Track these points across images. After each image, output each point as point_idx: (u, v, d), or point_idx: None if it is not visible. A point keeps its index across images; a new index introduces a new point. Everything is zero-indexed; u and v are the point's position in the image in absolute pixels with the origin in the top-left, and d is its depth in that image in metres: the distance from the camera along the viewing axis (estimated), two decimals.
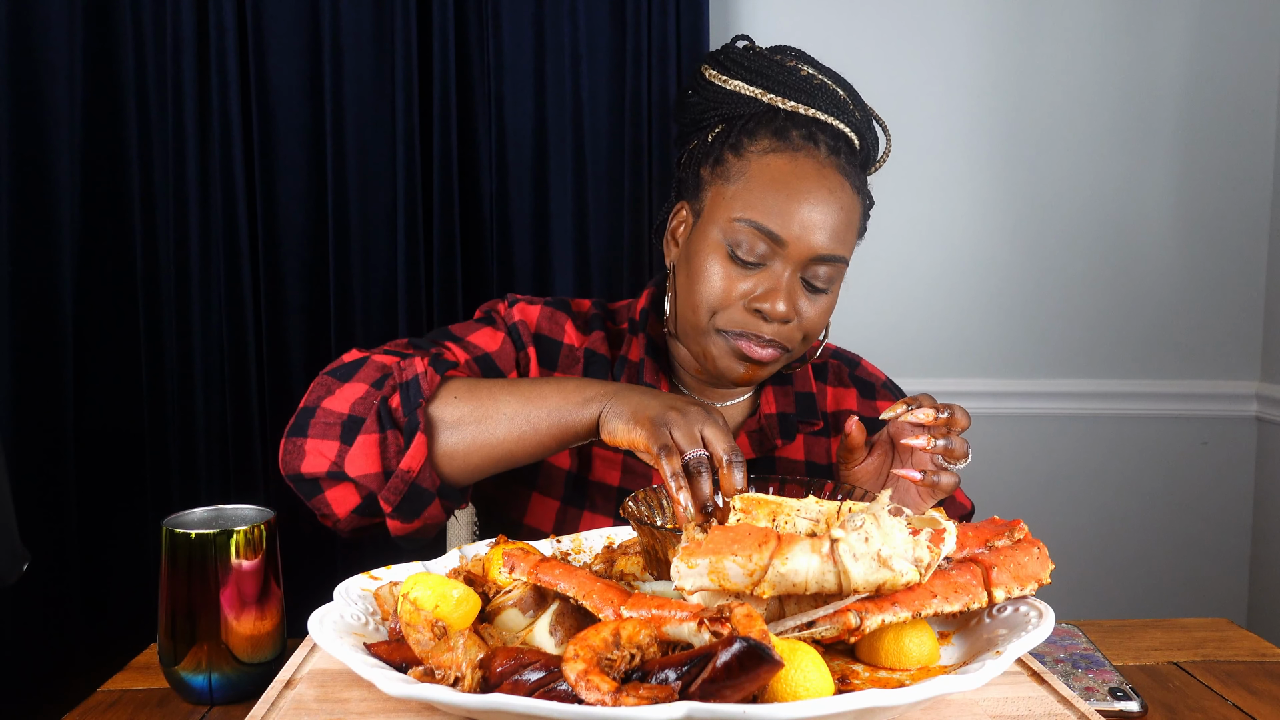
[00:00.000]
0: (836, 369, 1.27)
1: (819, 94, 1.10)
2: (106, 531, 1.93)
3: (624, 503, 0.87)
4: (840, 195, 1.07)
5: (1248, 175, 2.23)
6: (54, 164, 1.85)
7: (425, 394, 0.96)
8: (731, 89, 1.12)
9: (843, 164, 1.09)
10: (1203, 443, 2.29)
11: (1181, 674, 0.92)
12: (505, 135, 1.97)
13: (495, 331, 1.15)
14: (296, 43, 1.91)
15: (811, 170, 1.06)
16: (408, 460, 0.95)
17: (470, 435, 0.97)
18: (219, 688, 0.82)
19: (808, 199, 1.05)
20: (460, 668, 0.67)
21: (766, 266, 1.06)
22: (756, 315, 1.06)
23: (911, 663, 0.72)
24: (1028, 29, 2.18)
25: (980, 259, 2.23)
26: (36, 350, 1.84)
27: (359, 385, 0.99)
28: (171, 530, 0.81)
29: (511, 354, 1.14)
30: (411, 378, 0.98)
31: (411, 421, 0.95)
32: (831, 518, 0.76)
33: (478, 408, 0.97)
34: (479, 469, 0.99)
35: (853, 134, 1.12)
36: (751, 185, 1.06)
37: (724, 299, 1.07)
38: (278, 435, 1.94)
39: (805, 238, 1.04)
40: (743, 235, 1.05)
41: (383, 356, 1.02)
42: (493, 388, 0.99)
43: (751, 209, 1.05)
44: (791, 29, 2.14)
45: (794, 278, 1.06)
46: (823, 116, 1.10)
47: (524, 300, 1.18)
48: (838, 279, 1.10)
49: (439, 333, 1.14)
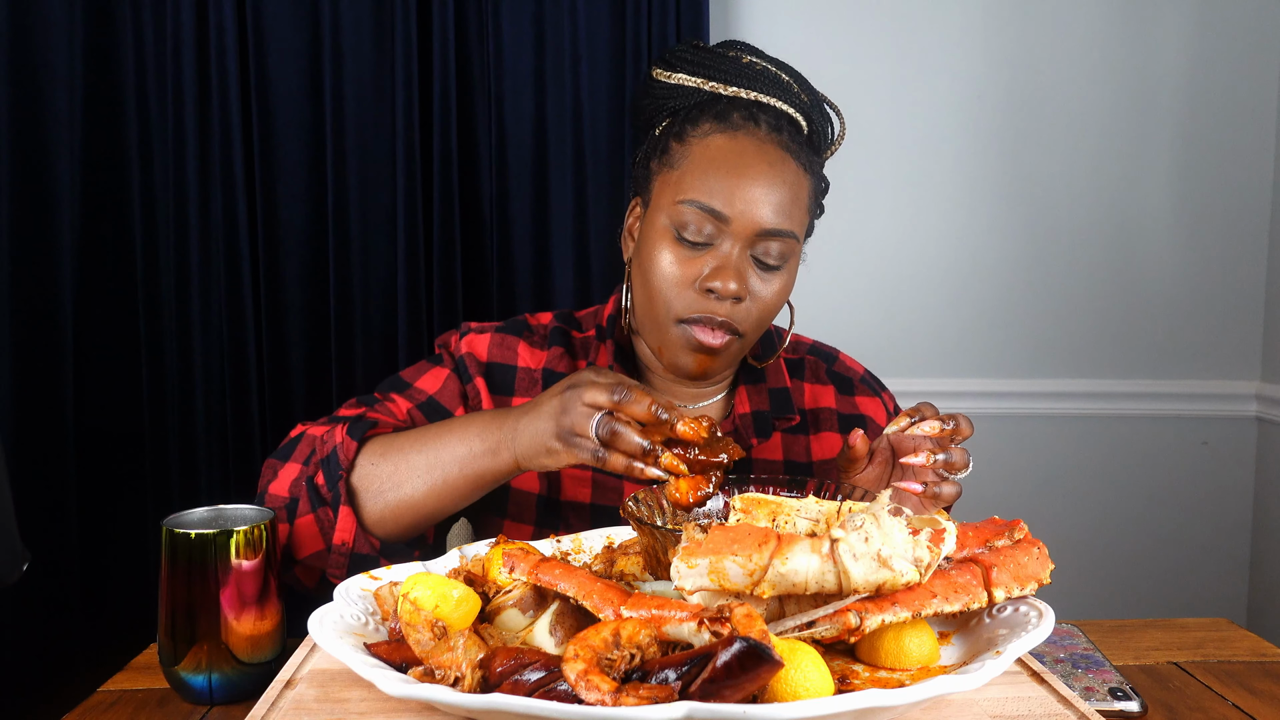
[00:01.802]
0: (813, 365, 1.26)
1: (760, 78, 1.11)
2: (106, 531, 1.93)
3: (624, 502, 0.87)
4: (783, 170, 1.07)
5: (1248, 175, 2.23)
6: (54, 164, 1.85)
7: (343, 465, 0.99)
8: (676, 83, 1.13)
9: (785, 141, 1.09)
10: (1203, 443, 2.29)
11: (1181, 674, 0.92)
12: (505, 135, 1.97)
13: (440, 370, 1.16)
14: (296, 43, 1.91)
15: (751, 147, 1.07)
16: (339, 534, 0.98)
17: (392, 499, 0.99)
18: (219, 688, 0.82)
19: (748, 173, 1.05)
20: (460, 668, 0.67)
21: (714, 246, 1.06)
22: (709, 295, 1.06)
23: (911, 663, 0.72)
24: (1028, 28, 2.19)
25: (980, 259, 2.23)
26: (36, 350, 1.84)
27: (294, 466, 1.02)
28: (171, 530, 0.81)
29: (456, 390, 1.15)
30: (330, 451, 1.00)
31: (335, 495, 0.98)
32: (831, 518, 0.76)
33: (393, 471, 0.99)
34: (413, 526, 1.01)
35: (797, 115, 1.12)
36: (694, 167, 1.07)
37: (676, 282, 1.06)
38: (278, 435, 1.95)
39: (749, 213, 1.04)
40: (688, 216, 1.05)
41: (317, 429, 1.04)
42: (403, 446, 1.00)
43: (694, 190, 1.06)
44: (791, 29, 2.15)
45: (743, 255, 1.06)
46: (764, 98, 1.10)
47: (475, 329, 1.19)
48: (791, 258, 1.09)
49: (389, 383, 1.16)
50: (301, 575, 1.02)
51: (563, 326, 1.21)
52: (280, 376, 1.96)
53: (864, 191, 2.20)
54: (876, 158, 2.19)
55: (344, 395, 1.96)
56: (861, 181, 2.20)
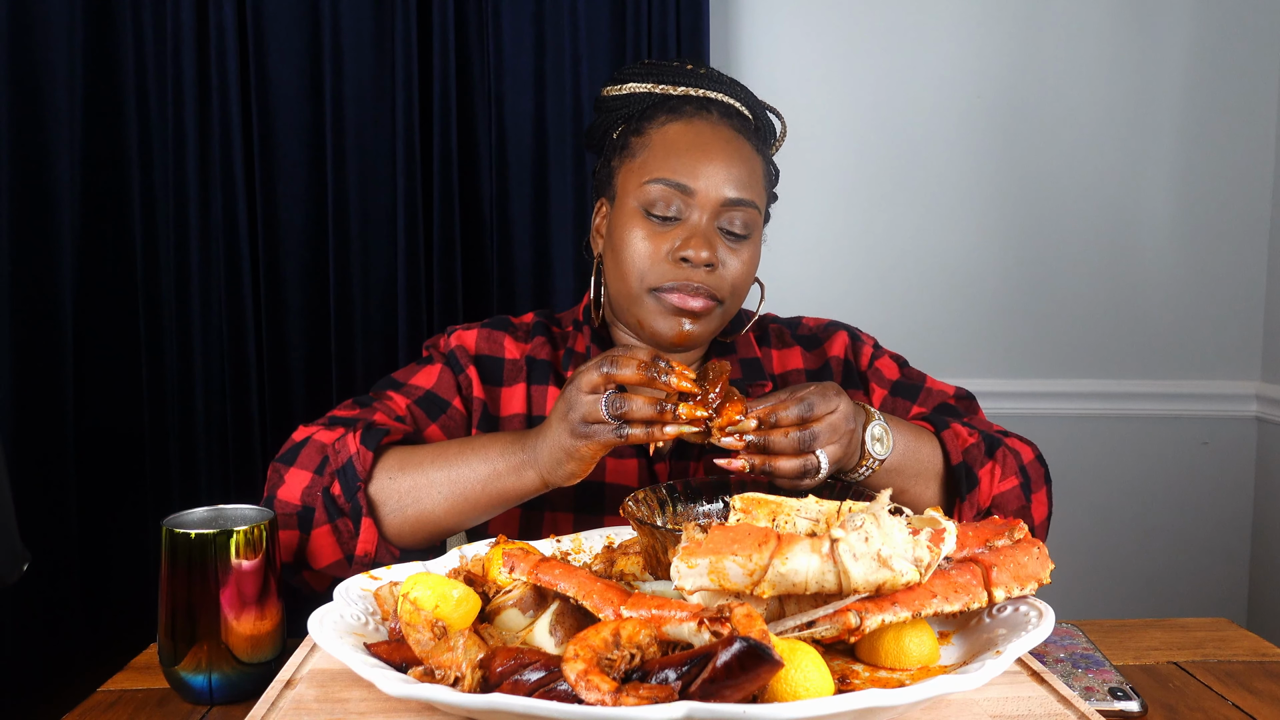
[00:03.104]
0: (778, 331, 1.30)
1: (705, 79, 1.19)
2: (106, 531, 1.93)
3: (624, 502, 0.88)
4: (739, 148, 1.14)
5: (1248, 175, 2.23)
6: (54, 164, 1.85)
7: (361, 476, 1.00)
8: (628, 92, 1.20)
9: (737, 125, 1.16)
10: (1203, 443, 2.29)
11: (1181, 674, 0.92)
12: (505, 135, 1.97)
13: (433, 366, 1.19)
14: (296, 43, 1.91)
15: (707, 129, 1.14)
16: (362, 545, 0.99)
17: (413, 513, 1.01)
18: (219, 688, 0.82)
19: (707, 150, 1.12)
20: (460, 668, 0.67)
21: (683, 220, 1.11)
22: (683, 265, 1.10)
23: (911, 663, 0.72)
24: (1028, 28, 2.18)
25: (980, 259, 2.23)
26: (36, 350, 1.84)
27: (302, 473, 1.02)
28: (171, 530, 0.81)
29: (451, 381, 1.18)
30: (346, 461, 1.00)
31: (355, 507, 0.99)
32: (831, 518, 0.76)
33: (413, 486, 1.01)
34: (431, 538, 1.03)
35: (743, 108, 1.20)
36: (655, 152, 1.13)
37: (649, 256, 1.11)
38: (278, 435, 1.95)
39: (712, 184, 1.11)
40: (655, 193, 1.11)
41: (324, 434, 1.05)
42: (423, 461, 1.01)
43: (659, 168, 1.12)
44: (791, 29, 2.15)
45: (711, 226, 1.11)
46: (712, 94, 1.18)
47: (461, 328, 1.23)
48: (755, 229, 1.15)
49: (383, 383, 1.18)
50: (311, 580, 1.03)
51: (544, 321, 1.27)
52: (280, 376, 1.96)
53: (864, 192, 2.20)
54: (874, 159, 2.19)
55: (344, 395, 1.96)
56: (861, 182, 2.20)
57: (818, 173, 2.17)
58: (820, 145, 2.16)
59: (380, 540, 1.00)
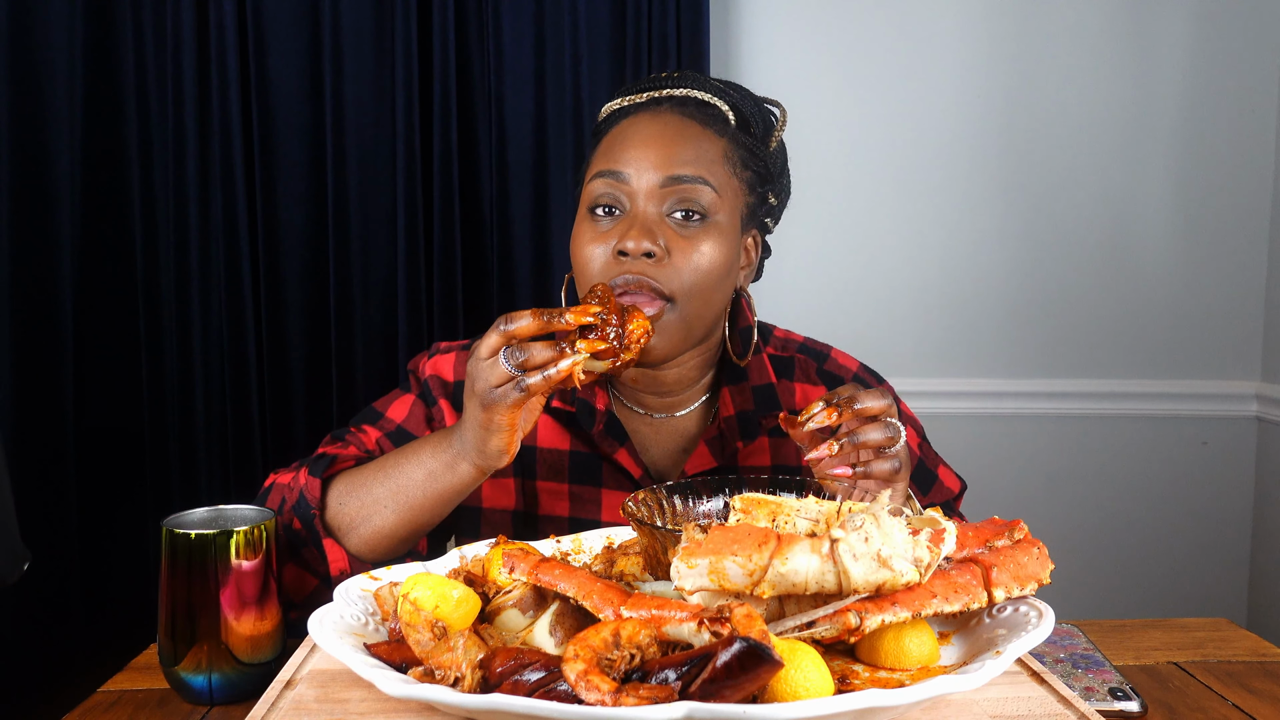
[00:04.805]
0: (803, 364, 1.22)
1: (671, 80, 1.13)
2: (106, 531, 1.93)
3: (624, 503, 0.87)
4: (680, 128, 1.07)
5: (1248, 176, 2.23)
6: (54, 164, 1.85)
7: (314, 505, 1.00)
8: (607, 111, 1.16)
9: (689, 113, 1.09)
10: (1203, 443, 2.29)
11: (1181, 674, 0.92)
12: (505, 135, 1.97)
13: (407, 397, 1.17)
14: (296, 43, 1.92)
15: (646, 118, 1.09)
16: (335, 565, 1.00)
17: (366, 532, 1.01)
18: (219, 688, 0.82)
19: (640, 134, 1.07)
20: (460, 668, 0.67)
21: (626, 214, 1.06)
22: (623, 259, 1.03)
23: (911, 663, 0.72)
24: (1028, 30, 2.18)
25: (980, 259, 2.23)
26: (36, 350, 1.84)
27: None
28: (171, 530, 0.81)
29: (422, 415, 1.16)
30: (298, 495, 1.01)
31: (314, 534, 1.00)
32: (831, 518, 0.76)
33: (360, 506, 1.01)
34: (391, 552, 1.02)
35: (707, 96, 1.11)
36: (599, 151, 1.10)
37: (596, 259, 1.05)
38: (278, 435, 1.95)
39: (646, 164, 1.04)
40: (595, 189, 1.07)
41: (283, 476, 1.06)
42: (366, 479, 1.01)
43: (597, 165, 1.08)
44: (791, 30, 2.15)
45: (657, 213, 1.04)
46: (666, 90, 1.11)
47: (443, 350, 1.19)
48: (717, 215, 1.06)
49: (363, 414, 1.17)
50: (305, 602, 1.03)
51: None
52: (280, 376, 1.96)
53: (864, 192, 2.20)
54: (876, 159, 2.19)
55: (344, 395, 1.97)
56: (862, 182, 2.20)
57: (817, 173, 2.17)
58: (820, 146, 2.16)
59: (350, 557, 1.00)
